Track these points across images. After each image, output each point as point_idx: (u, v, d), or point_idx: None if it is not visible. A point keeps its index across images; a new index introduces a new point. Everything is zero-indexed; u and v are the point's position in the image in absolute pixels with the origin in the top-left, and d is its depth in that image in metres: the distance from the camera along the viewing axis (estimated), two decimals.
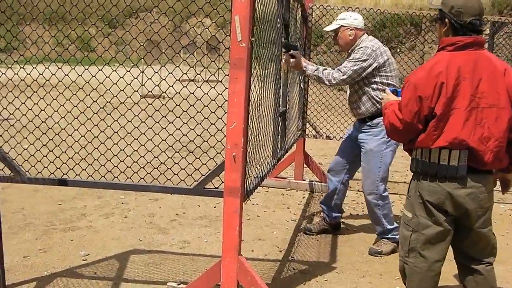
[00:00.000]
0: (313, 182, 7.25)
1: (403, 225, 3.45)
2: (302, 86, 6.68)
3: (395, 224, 5.12)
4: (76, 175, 3.89)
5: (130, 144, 3.93)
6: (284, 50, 4.81)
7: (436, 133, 3.13)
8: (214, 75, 3.81)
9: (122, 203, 6.20)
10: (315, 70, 4.96)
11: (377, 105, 4.94)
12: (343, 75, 4.89)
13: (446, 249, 3.38)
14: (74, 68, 3.79)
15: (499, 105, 3.11)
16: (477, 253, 3.42)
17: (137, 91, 3.83)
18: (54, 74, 3.81)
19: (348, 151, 5.37)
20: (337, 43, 5.21)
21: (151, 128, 3.91)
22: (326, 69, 5.00)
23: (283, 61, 4.81)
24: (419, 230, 3.31)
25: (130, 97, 3.89)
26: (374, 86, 4.95)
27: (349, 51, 5.11)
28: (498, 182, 3.54)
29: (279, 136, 4.89)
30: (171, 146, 4.07)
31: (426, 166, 3.21)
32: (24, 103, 3.90)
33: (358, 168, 5.45)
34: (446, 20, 3.20)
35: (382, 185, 5.08)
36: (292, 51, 4.90)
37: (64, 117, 3.98)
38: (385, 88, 3.89)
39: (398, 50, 18.51)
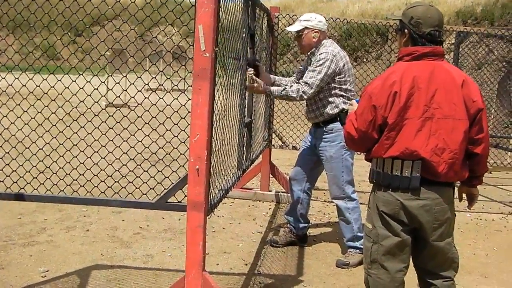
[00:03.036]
0: (279, 193, 7.20)
1: (365, 237, 3.41)
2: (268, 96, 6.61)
3: None
4: (34, 189, 3.76)
5: (90, 157, 3.81)
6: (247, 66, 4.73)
7: (388, 142, 3.10)
8: (177, 85, 3.72)
9: (84, 216, 6.05)
10: (282, 91, 4.90)
11: (335, 110, 4.95)
12: (311, 87, 4.86)
13: (408, 258, 3.31)
14: (31, 79, 3.67)
15: (455, 116, 3.07)
16: (434, 267, 3.33)
17: (97, 102, 3.71)
18: (11, 85, 3.68)
19: (307, 159, 5.34)
20: (299, 43, 5.18)
21: (111, 140, 3.80)
22: (291, 85, 4.96)
23: (247, 83, 4.72)
24: (378, 241, 3.26)
25: (90, 108, 3.77)
26: (332, 91, 4.95)
27: (309, 54, 5.10)
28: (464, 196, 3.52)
29: (244, 147, 4.81)
30: (133, 159, 3.96)
31: (380, 176, 3.19)
32: None
33: (318, 175, 5.45)
34: (406, 30, 3.19)
35: (349, 187, 5.10)
36: (255, 63, 4.87)
37: (21, 129, 3.85)
38: (352, 99, 3.88)
39: (365, 60, 18.66)
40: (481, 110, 3.13)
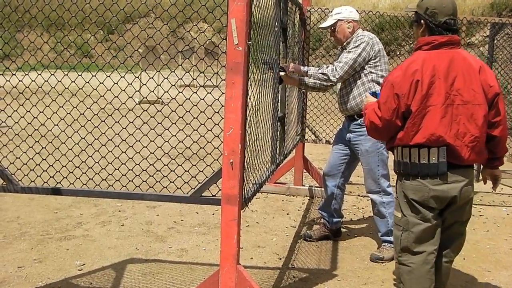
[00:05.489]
0: (313, 188, 7.17)
1: (394, 226, 3.54)
2: (301, 90, 6.59)
3: None
4: (70, 183, 3.81)
5: (125, 152, 3.84)
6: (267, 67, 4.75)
7: (414, 129, 3.22)
8: (210, 80, 3.73)
9: (119, 211, 6.11)
10: (319, 69, 4.89)
11: None
12: (345, 66, 4.81)
13: (437, 241, 3.42)
14: (67, 74, 3.71)
15: (474, 101, 3.22)
16: (444, 245, 3.47)
17: (131, 97, 3.74)
18: (47, 81, 3.73)
19: (341, 154, 5.29)
20: (335, 37, 5.13)
21: (146, 135, 3.83)
22: (328, 66, 4.92)
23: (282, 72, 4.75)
24: (408, 228, 3.38)
25: (124, 103, 3.80)
26: (369, 77, 4.88)
27: (345, 44, 5.04)
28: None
29: (277, 142, 4.80)
30: (167, 153, 3.98)
31: (407, 166, 3.31)
32: (16, 110, 3.82)
33: (353, 170, 5.39)
34: (422, 21, 3.35)
35: (385, 181, 5.04)
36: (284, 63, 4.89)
37: (57, 125, 3.90)
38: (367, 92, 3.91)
39: (398, 53, 18.47)
40: (498, 95, 3.30)
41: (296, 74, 5.03)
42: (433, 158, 3.21)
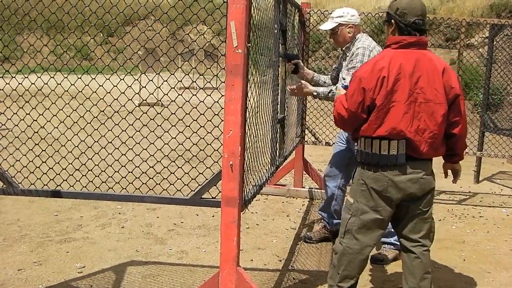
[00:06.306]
0: (313, 189, 7.17)
1: (345, 209, 3.74)
2: None
3: None
4: (70, 186, 3.81)
5: (124, 154, 3.84)
6: (285, 59, 4.80)
7: (377, 122, 3.38)
8: (210, 82, 3.74)
9: (119, 213, 6.11)
10: (329, 92, 4.88)
11: None
12: None
13: (379, 236, 3.64)
14: (67, 77, 3.71)
15: (436, 100, 3.38)
16: (415, 233, 3.59)
17: (131, 99, 3.74)
18: (46, 83, 3.73)
19: (341, 155, 5.28)
20: (335, 40, 5.10)
21: (145, 137, 3.83)
22: (337, 86, 4.90)
23: (289, 89, 4.85)
24: (357, 215, 3.57)
25: (124, 105, 3.81)
26: None
27: (344, 49, 5.03)
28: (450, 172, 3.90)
29: (277, 143, 4.80)
30: (167, 156, 3.99)
31: (369, 156, 3.46)
32: (16, 113, 3.82)
33: (353, 171, 5.37)
34: (392, 21, 3.51)
35: None
36: (294, 60, 4.91)
37: (57, 127, 3.90)
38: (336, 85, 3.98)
39: None
40: (458, 96, 3.47)
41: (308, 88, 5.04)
42: (393, 150, 3.37)
